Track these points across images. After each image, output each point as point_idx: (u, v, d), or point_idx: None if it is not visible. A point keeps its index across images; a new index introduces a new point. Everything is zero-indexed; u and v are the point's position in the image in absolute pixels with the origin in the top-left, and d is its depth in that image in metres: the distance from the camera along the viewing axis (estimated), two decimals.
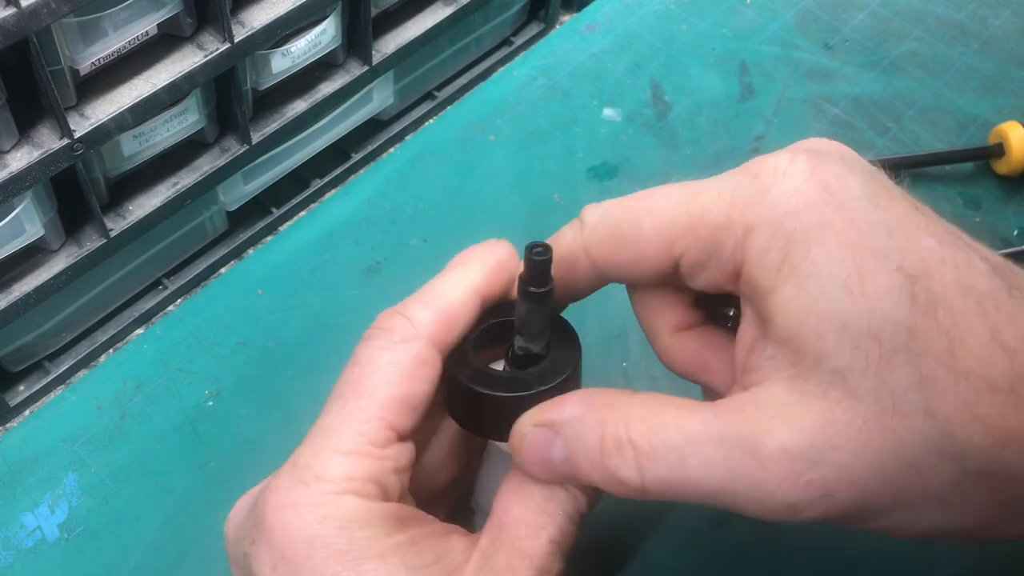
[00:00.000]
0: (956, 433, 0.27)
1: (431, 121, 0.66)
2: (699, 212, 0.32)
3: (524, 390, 0.35)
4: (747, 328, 0.32)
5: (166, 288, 0.54)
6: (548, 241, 0.35)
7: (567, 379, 0.35)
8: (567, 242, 0.35)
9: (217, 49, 0.46)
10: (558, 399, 0.33)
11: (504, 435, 0.37)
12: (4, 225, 0.42)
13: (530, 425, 0.33)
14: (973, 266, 0.29)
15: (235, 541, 0.35)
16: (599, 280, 0.36)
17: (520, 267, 0.39)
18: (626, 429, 0.30)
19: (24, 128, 0.42)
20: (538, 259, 0.34)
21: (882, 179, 0.31)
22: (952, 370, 0.27)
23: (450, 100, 0.66)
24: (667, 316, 0.37)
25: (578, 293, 0.37)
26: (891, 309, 0.28)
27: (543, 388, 0.35)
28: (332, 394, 0.35)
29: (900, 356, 0.27)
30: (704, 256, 0.32)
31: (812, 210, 0.29)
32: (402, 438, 0.35)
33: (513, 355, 0.37)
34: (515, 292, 0.36)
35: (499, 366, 0.38)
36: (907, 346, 0.27)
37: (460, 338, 0.36)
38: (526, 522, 0.34)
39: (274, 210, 0.59)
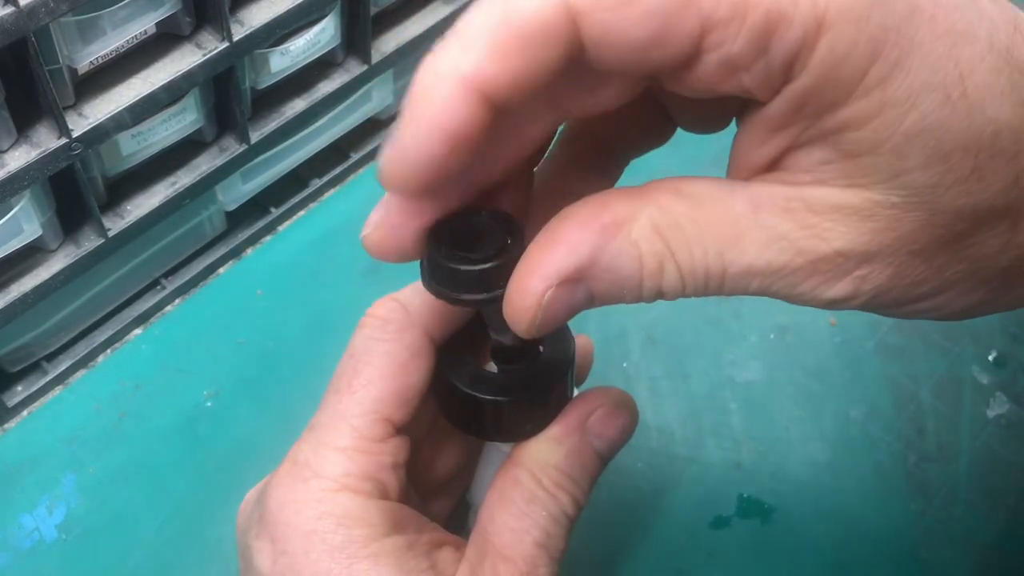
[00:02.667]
0: (1021, 224, 0.26)
1: None
2: None
3: (506, 395, 0.34)
4: (773, 128, 0.25)
5: (164, 288, 0.54)
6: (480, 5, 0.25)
7: (554, 386, 0.35)
8: (535, 8, 0.23)
9: (216, 48, 0.46)
10: (556, 231, 0.26)
11: (489, 435, 0.36)
12: (2, 225, 0.42)
13: (548, 287, 0.26)
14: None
15: (242, 533, 0.36)
16: (571, 63, 0.24)
17: None
18: (664, 244, 0.26)
19: (22, 127, 0.42)
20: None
21: None
22: None
23: None
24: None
25: (533, 84, 0.24)
26: (995, 108, 0.24)
27: (527, 396, 0.34)
28: (328, 388, 0.35)
29: (996, 162, 0.24)
30: (749, 54, 0.23)
31: None
32: (398, 431, 0.35)
33: (492, 349, 0.36)
34: None
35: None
36: (1005, 148, 0.24)
37: (456, 328, 0.36)
38: (509, 528, 0.34)
39: (273, 210, 0.59)
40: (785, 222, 0.25)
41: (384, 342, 0.35)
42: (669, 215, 0.26)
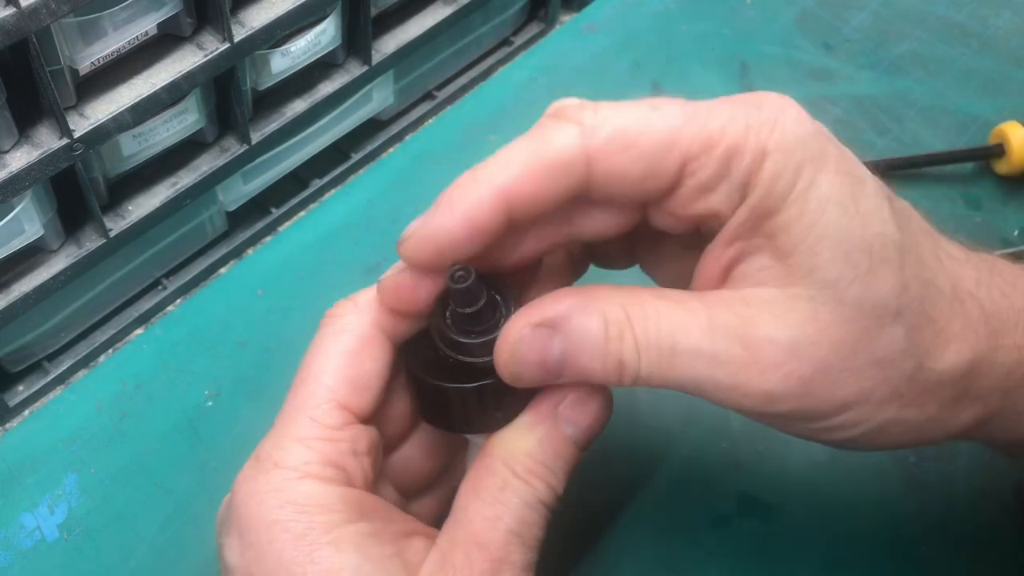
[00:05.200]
0: (915, 334, 0.32)
1: (431, 121, 0.67)
2: (718, 131, 0.31)
3: (471, 381, 0.34)
4: (729, 240, 0.33)
5: (165, 288, 0.54)
6: (521, 140, 0.32)
7: None
8: (560, 147, 0.31)
9: (217, 49, 0.46)
10: (550, 296, 0.33)
11: (461, 427, 0.36)
12: (4, 225, 0.42)
13: (527, 327, 0.32)
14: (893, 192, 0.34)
15: (217, 534, 0.36)
16: (580, 194, 0.32)
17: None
18: (626, 315, 0.32)
19: (24, 128, 0.42)
20: (461, 287, 0.33)
21: None
22: (918, 278, 0.32)
23: (450, 100, 0.67)
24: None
25: (548, 208, 0.32)
26: (881, 225, 0.31)
27: (492, 382, 0.34)
28: (291, 386, 0.36)
29: (886, 267, 0.31)
30: (716, 177, 0.31)
31: (814, 140, 0.32)
32: (361, 419, 0.35)
33: (454, 318, 0.36)
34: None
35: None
36: (892, 258, 0.31)
37: (413, 325, 0.37)
38: (482, 515, 0.34)
39: (273, 210, 0.59)
40: (727, 315, 0.31)
41: (335, 335, 0.36)
42: (635, 300, 0.32)
